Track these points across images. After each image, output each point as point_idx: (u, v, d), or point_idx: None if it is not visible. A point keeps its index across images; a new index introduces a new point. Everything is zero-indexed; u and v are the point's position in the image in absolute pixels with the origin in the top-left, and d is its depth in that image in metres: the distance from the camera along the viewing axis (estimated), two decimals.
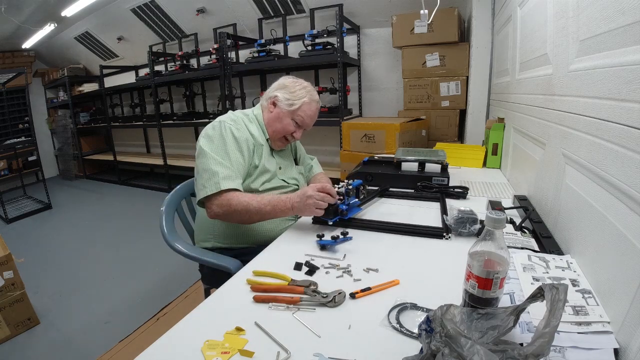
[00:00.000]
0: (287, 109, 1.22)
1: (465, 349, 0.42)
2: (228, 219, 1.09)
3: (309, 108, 1.23)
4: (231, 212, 1.05)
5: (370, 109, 3.36)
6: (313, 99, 1.25)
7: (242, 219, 1.09)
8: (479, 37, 2.20)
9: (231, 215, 1.06)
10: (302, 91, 1.23)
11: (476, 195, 1.29)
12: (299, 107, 1.21)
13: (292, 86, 1.24)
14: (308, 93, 1.24)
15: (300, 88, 1.23)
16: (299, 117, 1.22)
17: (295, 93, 1.22)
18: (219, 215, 1.07)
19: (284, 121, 1.22)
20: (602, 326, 0.55)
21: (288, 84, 1.24)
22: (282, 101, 1.22)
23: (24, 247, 3.03)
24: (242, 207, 1.04)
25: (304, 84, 1.26)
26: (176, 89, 4.50)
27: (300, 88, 1.23)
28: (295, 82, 1.25)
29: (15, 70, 3.95)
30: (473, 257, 0.57)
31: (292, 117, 1.22)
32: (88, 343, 1.76)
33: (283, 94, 1.23)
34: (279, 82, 1.27)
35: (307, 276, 0.81)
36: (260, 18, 3.38)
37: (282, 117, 1.22)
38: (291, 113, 1.22)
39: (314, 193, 1.01)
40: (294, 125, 1.23)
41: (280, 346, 0.59)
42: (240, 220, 1.10)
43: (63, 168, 5.99)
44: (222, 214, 1.06)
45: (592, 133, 0.70)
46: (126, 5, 3.85)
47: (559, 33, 0.92)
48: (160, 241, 1.21)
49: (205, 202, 1.08)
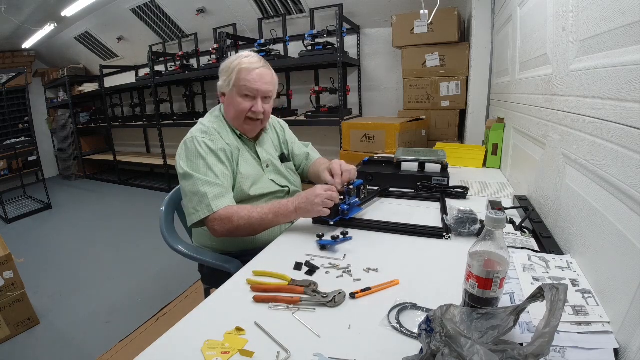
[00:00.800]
0: (229, 89, 1.13)
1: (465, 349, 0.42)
2: (233, 235, 1.05)
3: (247, 73, 1.11)
4: (234, 229, 1.02)
5: (370, 109, 3.36)
6: (247, 61, 1.12)
7: (247, 233, 1.06)
8: (479, 37, 2.20)
9: (235, 231, 1.03)
10: (234, 62, 1.12)
11: (476, 195, 1.29)
12: (236, 77, 1.11)
13: (224, 67, 1.15)
14: (238, 59, 1.13)
15: (231, 61, 1.13)
16: (243, 87, 1.11)
17: (227, 69, 1.13)
18: (224, 234, 1.04)
19: (235, 102, 1.13)
20: (602, 326, 0.55)
21: (222, 67, 1.16)
22: (223, 86, 1.15)
23: (24, 247, 3.03)
24: (244, 222, 1.01)
25: (236, 55, 1.15)
26: (176, 89, 4.50)
27: (231, 61, 1.13)
28: (228, 59, 1.16)
29: (15, 70, 3.95)
30: (473, 257, 0.57)
31: (238, 93, 1.12)
32: (88, 343, 1.76)
33: (221, 79, 1.15)
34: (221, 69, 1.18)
35: (307, 276, 0.81)
36: (260, 18, 3.38)
37: (231, 101, 1.14)
38: (235, 90, 1.12)
39: (322, 192, 0.99)
40: (246, 100, 1.13)
41: (280, 346, 0.59)
42: (246, 234, 1.06)
43: (63, 168, 5.99)
44: (226, 232, 1.03)
45: (592, 133, 0.70)
46: (126, 5, 3.85)
47: (559, 33, 0.92)
48: (160, 241, 1.22)
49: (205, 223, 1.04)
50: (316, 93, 3.11)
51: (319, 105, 3.13)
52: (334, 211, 1.03)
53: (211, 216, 1.02)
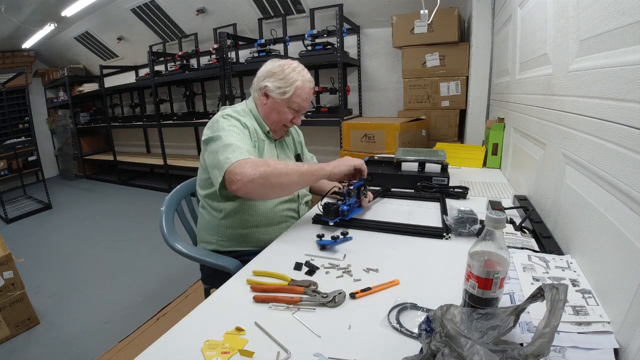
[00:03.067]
0: (280, 98, 1.15)
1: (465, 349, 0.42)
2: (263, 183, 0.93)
3: (303, 92, 1.16)
4: (269, 173, 0.93)
5: (370, 109, 3.36)
6: (305, 80, 1.17)
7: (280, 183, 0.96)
8: (479, 37, 2.20)
9: (268, 176, 0.93)
10: (292, 74, 1.15)
11: (476, 195, 1.29)
12: (293, 93, 1.15)
13: (280, 71, 1.15)
14: (299, 75, 1.16)
15: (289, 71, 1.15)
16: (295, 104, 1.16)
17: (285, 79, 1.14)
18: (255, 179, 0.91)
19: (281, 111, 1.17)
20: (602, 326, 0.55)
21: (276, 69, 1.16)
22: (274, 90, 1.15)
23: (24, 247, 3.03)
24: (281, 168, 0.96)
25: (293, 65, 1.17)
26: (176, 89, 4.50)
27: (289, 71, 1.15)
28: (284, 66, 1.16)
29: (15, 70, 3.95)
30: (473, 257, 0.57)
31: (288, 105, 1.16)
32: (88, 343, 1.76)
33: (273, 83, 1.15)
34: (266, 69, 1.18)
35: (307, 276, 0.81)
36: (260, 18, 3.38)
37: (277, 108, 1.17)
38: (286, 101, 1.16)
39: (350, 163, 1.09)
40: (291, 112, 1.18)
41: (280, 346, 0.59)
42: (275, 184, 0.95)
43: (63, 168, 5.99)
44: (258, 175, 0.92)
45: (592, 133, 0.70)
46: (126, 5, 3.85)
47: (559, 33, 0.92)
48: (160, 241, 1.21)
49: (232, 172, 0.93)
50: (316, 93, 3.11)
51: (319, 105, 3.13)
52: (334, 212, 1.02)
53: (242, 160, 0.95)
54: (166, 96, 4.55)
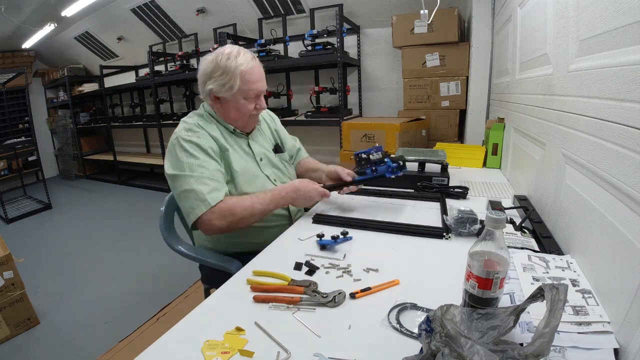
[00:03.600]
0: (231, 94, 1.06)
1: (465, 349, 0.42)
2: (232, 228, 1.00)
3: (250, 75, 1.05)
4: (237, 221, 0.99)
5: (370, 109, 3.36)
6: (246, 60, 1.05)
7: (248, 224, 1.03)
8: (479, 37, 2.20)
9: (236, 224, 1.00)
10: (230, 62, 1.03)
11: (476, 195, 1.29)
12: (241, 81, 1.04)
13: (215, 67, 1.05)
14: (237, 59, 1.04)
15: (225, 61, 1.04)
16: (249, 92, 1.07)
17: (225, 72, 1.04)
18: (223, 229, 0.99)
19: (239, 105, 1.08)
20: (602, 326, 0.55)
21: (210, 67, 1.05)
22: (220, 90, 1.06)
23: (24, 247, 3.03)
24: (248, 213, 1.00)
25: (225, 52, 1.05)
26: (176, 89, 4.50)
27: (225, 61, 1.04)
28: (216, 59, 1.05)
29: (15, 70, 3.95)
30: (473, 257, 0.57)
31: (243, 97, 1.07)
32: (88, 343, 1.76)
33: (215, 84, 1.05)
34: (201, 72, 1.09)
35: (307, 276, 0.81)
36: (260, 18, 3.38)
37: (233, 104, 1.09)
38: (238, 93, 1.06)
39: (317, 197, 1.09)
40: (250, 101, 1.09)
41: (280, 346, 0.59)
42: (242, 225, 1.02)
43: (63, 168, 5.99)
44: (226, 226, 0.98)
45: (592, 133, 0.70)
46: (126, 5, 3.85)
47: (559, 33, 0.92)
48: (160, 241, 1.21)
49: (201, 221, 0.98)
50: (316, 93, 3.10)
51: (319, 105, 3.13)
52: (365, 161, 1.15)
53: (208, 212, 0.97)
54: (166, 96, 4.55)
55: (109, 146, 5.48)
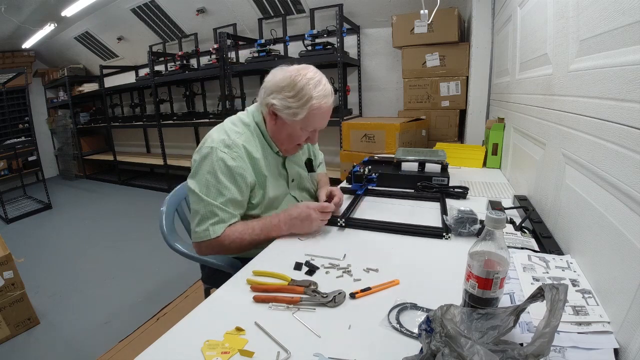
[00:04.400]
0: (292, 119, 0.98)
1: (465, 349, 0.42)
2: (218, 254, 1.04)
3: (319, 111, 0.98)
4: (225, 251, 1.00)
5: (370, 109, 3.36)
6: (323, 95, 0.98)
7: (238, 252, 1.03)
8: (479, 37, 2.20)
9: (225, 252, 1.02)
10: (306, 89, 0.95)
11: (476, 195, 1.29)
12: (307, 114, 0.97)
13: (290, 86, 0.96)
14: (314, 89, 0.96)
15: (302, 85, 0.95)
16: (310, 126, 1.01)
17: (297, 96, 0.95)
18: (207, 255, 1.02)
19: (293, 133, 1.02)
20: (602, 326, 0.55)
21: (285, 82, 0.96)
22: (282, 110, 0.97)
23: (24, 247, 3.03)
24: (235, 246, 0.98)
25: (308, 75, 0.97)
26: (176, 89, 4.50)
27: (302, 85, 0.95)
28: (295, 78, 0.96)
29: (15, 70, 3.95)
30: (473, 257, 0.57)
31: (301, 127, 1.01)
32: (88, 343, 1.76)
33: (281, 101, 0.97)
34: (273, 81, 0.99)
35: (307, 276, 0.81)
36: (260, 18, 3.38)
37: (288, 129, 1.01)
38: (299, 123, 0.99)
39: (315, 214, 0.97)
40: (305, 133, 1.04)
41: (280, 346, 0.59)
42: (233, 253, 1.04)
43: (63, 168, 5.99)
44: (213, 253, 1.01)
45: (592, 133, 0.70)
46: (126, 5, 3.85)
47: (559, 33, 0.92)
48: (160, 241, 1.21)
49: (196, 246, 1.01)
50: None
51: None
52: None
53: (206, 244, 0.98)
54: (166, 96, 4.55)
55: (109, 146, 5.49)
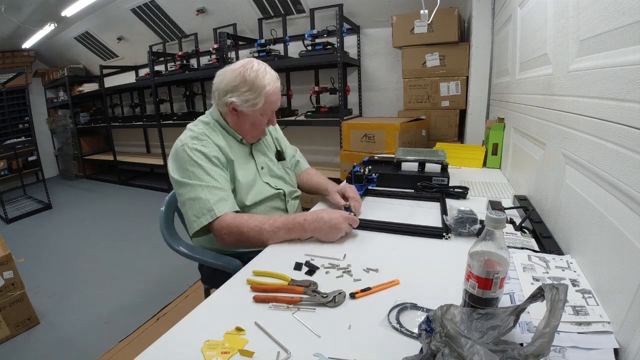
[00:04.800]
0: (252, 110, 1.07)
1: (465, 349, 0.42)
2: (241, 244, 1.00)
3: (273, 95, 1.08)
4: (242, 240, 0.98)
5: (370, 109, 3.36)
6: (272, 80, 1.07)
7: (254, 244, 1.00)
8: (479, 37, 2.20)
9: (242, 242, 0.99)
10: (257, 80, 1.04)
11: (476, 195, 1.29)
12: (264, 101, 1.06)
13: (242, 82, 1.04)
14: (264, 78, 1.05)
15: (253, 77, 1.03)
16: (269, 110, 1.10)
17: (252, 89, 1.04)
18: (232, 243, 1.00)
19: (255, 121, 1.10)
20: (602, 326, 0.55)
21: (237, 80, 1.04)
22: (242, 105, 1.06)
23: (24, 247, 3.03)
24: (254, 233, 0.97)
25: (254, 68, 1.05)
26: (176, 89, 4.50)
27: (253, 77, 1.03)
28: (244, 73, 1.04)
29: (15, 70, 3.95)
30: (473, 257, 0.57)
31: (261, 113, 1.09)
32: (88, 343, 1.76)
33: (239, 97, 1.05)
34: (225, 81, 1.06)
35: (307, 276, 0.81)
36: (260, 18, 3.38)
37: (250, 119, 1.10)
38: (259, 110, 1.08)
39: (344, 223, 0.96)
40: (265, 117, 1.12)
41: (280, 346, 0.59)
42: (252, 245, 1.00)
43: (63, 168, 5.99)
44: (233, 241, 0.99)
45: (592, 133, 0.70)
46: (126, 5, 3.85)
47: (559, 33, 0.92)
48: (160, 241, 1.21)
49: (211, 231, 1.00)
50: (316, 93, 3.10)
51: (319, 105, 3.13)
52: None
53: (217, 224, 0.97)
54: (166, 96, 4.55)
55: (109, 146, 5.48)
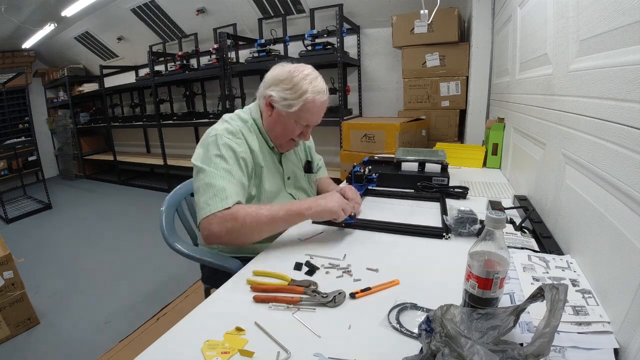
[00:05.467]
0: (286, 111, 1.02)
1: (465, 349, 0.42)
2: (231, 238, 0.91)
3: (313, 105, 1.03)
4: (237, 229, 0.89)
5: (370, 109, 3.36)
6: (317, 91, 1.03)
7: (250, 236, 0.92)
8: (479, 37, 2.20)
9: (237, 231, 0.90)
10: (302, 83, 1.01)
11: (476, 195, 1.29)
12: (301, 107, 1.01)
13: (287, 79, 1.02)
14: (310, 84, 1.02)
15: (299, 79, 1.01)
16: (304, 120, 1.05)
17: (293, 89, 1.01)
18: (220, 236, 0.90)
19: (287, 125, 1.05)
20: (602, 326, 0.55)
21: (283, 76, 1.02)
22: (279, 102, 1.02)
23: (24, 247, 3.03)
24: (251, 219, 0.89)
25: (305, 72, 1.03)
26: (176, 89, 4.50)
27: (299, 79, 1.01)
28: (293, 72, 1.02)
29: (15, 70, 3.95)
30: (473, 257, 0.57)
31: (295, 120, 1.04)
32: (88, 343, 1.76)
33: (279, 93, 1.02)
34: (272, 75, 1.04)
35: (307, 276, 0.81)
36: (260, 18, 3.38)
37: (283, 121, 1.05)
38: (293, 115, 1.03)
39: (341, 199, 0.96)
40: (299, 127, 1.07)
41: (280, 346, 0.59)
42: (246, 238, 0.93)
43: (63, 168, 5.99)
44: (224, 233, 0.89)
45: (592, 133, 0.70)
46: (126, 5, 3.85)
47: (559, 33, 0.92)
48: (160, 241, 1.21)
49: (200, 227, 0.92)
50: None
51: None
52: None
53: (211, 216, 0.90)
54: (166, 96, 4.55)
55: (109, 146, 5.49)
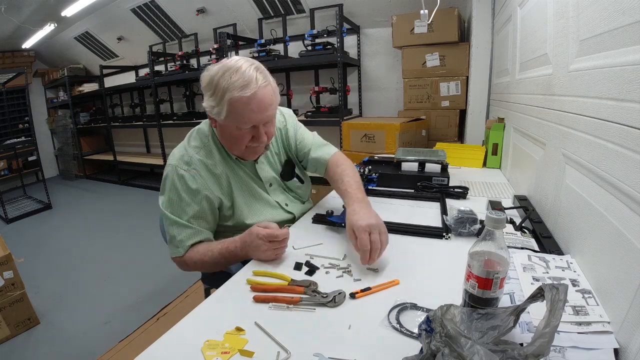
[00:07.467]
0: (220, 119, 0.90)
1: (465, 349, 0.42)
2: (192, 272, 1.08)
3: (240, 104, 0.85)
4: (191, 270, 1.04)
5: (370, 109, 3.36)
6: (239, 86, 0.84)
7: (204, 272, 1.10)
8: (479, 37, 2.20)
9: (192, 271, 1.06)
10: (221, 82, 0.85)
11: (476, 195, 1.29)
12: (228, 110, 0.86)
13: (210, 83, 0.88)
14: (229, 81, 0.84)
15: (219, 78, 0.85)
16: (241, 122, 0.89)
17: (216, 93, 0.86)
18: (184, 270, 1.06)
19: (232, 134, 0.93)
20: (602, 326, 0.55)
21: (206, 81, 0.89)
22: (211, 111, 0.90)
23: (24, 247, 3.03)
24: (199, 267, 1.02)
25: (227, 65, 0.87)
26: (176, 89, 4.50)
27: (219, 78, 0.85)
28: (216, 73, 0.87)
29: (15, 70, 3.96)
30: (473, 257, 0.57)
31: (236, 125, 0.90)
32: (88, 343, 1.76)
33: (207, 102, 0.90)
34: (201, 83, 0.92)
35: (307, 276, 0.81)
36: (260, 18, 3.38)
37: (227, 131, 0.94)
38: (229, 121, 0.89)
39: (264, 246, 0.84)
40: (247, 131, 0.92)
41: (280, 346, 0.59)
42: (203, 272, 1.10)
43: (63, 168, 5.99)
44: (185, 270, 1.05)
45: (592, 133, 0.70)
46: (126, 5, 3.85)
47: (559, 33, 0.92)
48: (160, 241, 1.21)
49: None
50: (316, 93, 3.10)
51: (319, 105, 3.12)
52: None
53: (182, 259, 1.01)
54: (166, 96, 4.55)
55: (109, 146, 5.48)
